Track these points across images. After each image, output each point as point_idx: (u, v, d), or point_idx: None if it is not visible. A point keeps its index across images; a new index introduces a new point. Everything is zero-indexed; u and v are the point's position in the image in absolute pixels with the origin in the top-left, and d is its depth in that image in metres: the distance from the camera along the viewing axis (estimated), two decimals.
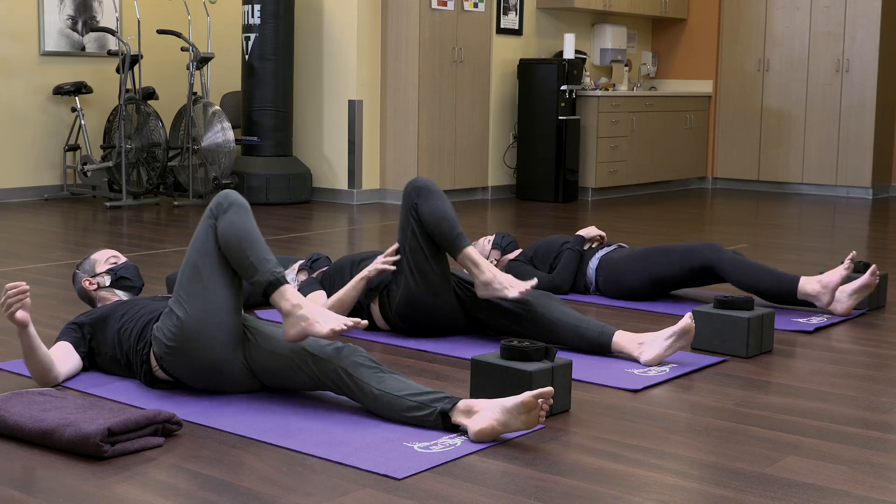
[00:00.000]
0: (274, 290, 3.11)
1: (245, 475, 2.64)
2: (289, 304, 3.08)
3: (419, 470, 2.67)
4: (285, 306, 3.08)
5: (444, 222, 3.86)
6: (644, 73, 11.11)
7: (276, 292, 3.10)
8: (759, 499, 2.54)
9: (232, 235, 3.13)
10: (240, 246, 3.12)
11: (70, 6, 8.81)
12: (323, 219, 7.78)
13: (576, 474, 2.69)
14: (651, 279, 4.76)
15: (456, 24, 8.91)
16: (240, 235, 3.13)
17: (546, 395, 2.81)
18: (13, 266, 5.55)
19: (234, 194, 3.21)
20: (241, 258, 3.13)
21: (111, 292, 3.70)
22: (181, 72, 9.62)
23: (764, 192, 10.52)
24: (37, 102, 8.69)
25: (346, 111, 8.75)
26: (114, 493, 2.51)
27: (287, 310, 3.08)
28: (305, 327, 3.04)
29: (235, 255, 3.13)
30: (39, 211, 7.94)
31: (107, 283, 3.70)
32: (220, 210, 3.17)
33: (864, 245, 6.94)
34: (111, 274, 3.71)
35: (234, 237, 3.13)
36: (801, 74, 10.31)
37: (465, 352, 3.90)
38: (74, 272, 3.80)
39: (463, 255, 3.84)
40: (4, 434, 2.87)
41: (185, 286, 3.17)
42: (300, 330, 3.06)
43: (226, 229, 3.13)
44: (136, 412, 2.82)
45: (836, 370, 3.76)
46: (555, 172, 9.30)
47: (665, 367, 3.71)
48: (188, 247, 3.24)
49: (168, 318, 3.17)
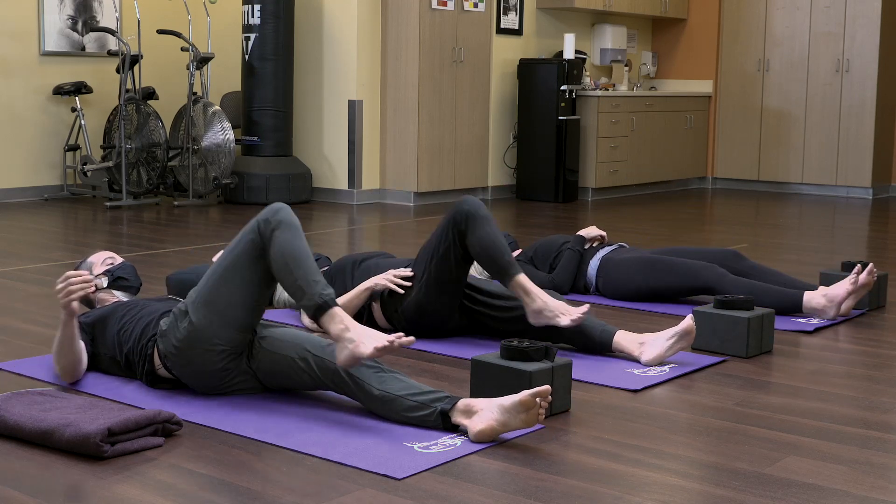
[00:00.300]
0: (323, 313, 2.99)
1: (245, 475, 2.64)
2: (338, 328, 2.97)
3: (419, 470, 2.67)
4: (334, 330, 2.98)
5: (493, 249, 3.76)
6: (644, 73, 11.11)
7: (325, 315, 2.99)
8: (759, 499, 2.54)
9: (280, 258, 3.03)
10: (287, 268, 3.02)
11: (70, 6, 8.81)
12: (323, 219, 7.79)
13: (576, 474, 2.69)
14: (650, 291, 4.78)
15: (456, 24, 8.91)
16: (287, 258, 3.03)
17: (543, 393, 2.81)
18: (13, 266, 5.55)
19: (283, 211, 3.09)
20: (289, 281, 3.02)
21: (109, 293, 3.70)
22: (181, 72, 9.62)
23: (764, 192, 10.52)
24: (37, 102, 8.69)
25: (346, 111, 8.75)
26: (114, 493, 2.51)
27: (336, 334, 2.97)
28: (353, 350, 2.94)
29: (283, 277, 3.03)
30: (39, 211, 7.94)
31: (104, 285, 3.69)
32: (266, 228, 3.07)
33: (864, 245, 6.94)
34: (108, 275, 3.70)
35: (282, 259, 3.03)
36: (801, 74, 10.32)
37: (465, 352, 3.90)
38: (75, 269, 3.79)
39: (514, 282, 3.74)
40: (4, 434, 2.87)
41: (207, 292, 3.12)
42: (349, 354, 2.95)
43: (274, 253, 3.04)
44: (136, 412, 2.82)
45: (836, 370, 3.76)
46: (555, 172, 9.30)
47: (665, 367, 3.71)
48: (224, 251, 3.17)
49: (181, 320, 3.14)
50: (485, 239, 3.77)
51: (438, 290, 3.92)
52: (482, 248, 3.77)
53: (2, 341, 3.95)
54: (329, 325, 2.99)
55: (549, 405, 2.92)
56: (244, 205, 8.53)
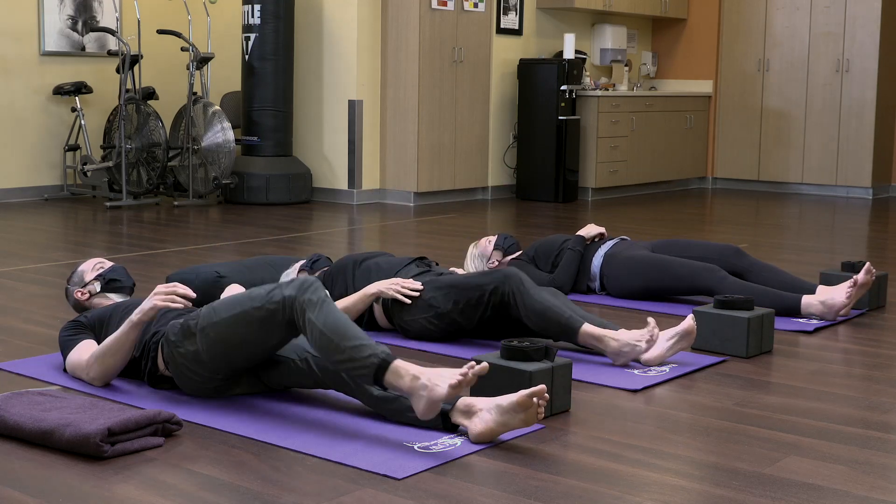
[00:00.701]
0: (384, 373, 2.82)
1: (245, 475, 2.64)
2: (406, 381, 2.80)
3: (419, 470, 2.67)
4: (404, 385, 2.81)
5: (549, 312, 3.72)
6: (644, 73, 11.11)
7: (387, 374, 2.81)
8: (759, 499, 2.54)
9: (320, 338, 2.88)
10: (332, 344, 2.86)
11: (70, 6, 8.81)
12: (323, 219, 7.78)
13: (576, 474, 2.69)
14: (650, 290, 4.80)
15: (456, 24, 8.91)
16: (330, 335, 2.87)
17: (539, 393, 2.81)
18: (13, 266, 5.55)
19: (311, 288, 2.94)
20: (339, 357, 2.86)
21: (104, 297, 3.71)
22: (181, 72, 9.62)
23: (764, 192, 10.52)
24: (37, 102, 8.68)
25: (346, 111, 8.75)
26: (114, 493, 2.51)
27: (408, 388, 2.81)
28: (429, 396, 2.78)
29: (331, 356, 2.88)
30: (39, 211, 7.94)
31: (98, 290, 3.70)
32: (295, 310, 2.94)
33: (864, 245, 6.94)
34: (100, 280, 3.71)
35: (323, 339, 2.87)
36: (801, 74, 10.31)
37: (465, 352, 3.90)
38: (66, 287, 3.80)
39: (582, 335, 3.70)
40: (4, 434, 2.87)
41: (219, 331, 3.05)
42: (426, 402, 2.80)
43: (315, 337, 2.89)
44: (136, 412, 2.82)
45: (836, 370, 3.76)
46: (555, 172, 9.30)
47: (665, 367, 3.71)
48: (245, 296, 3.04)
49: (189, 340, 3.11)
50: (538, 306, 3.73)
51: (444, 325, 3.96)
52: (538, 316, 3.73)
53: (2, 341, 3.94)
54: (397, 382, 2.81)
55: (547, 403, 2.91)
56: (244, 205, 8.53)
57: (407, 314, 3.99)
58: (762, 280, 4.72)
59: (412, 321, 3.99)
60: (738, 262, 4.80)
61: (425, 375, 2.80)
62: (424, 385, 2.79)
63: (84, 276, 3.75)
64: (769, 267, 4.78)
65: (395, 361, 2.82)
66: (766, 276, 4.73)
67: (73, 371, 3.40)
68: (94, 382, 3.32)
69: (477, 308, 3.87)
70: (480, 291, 3.85)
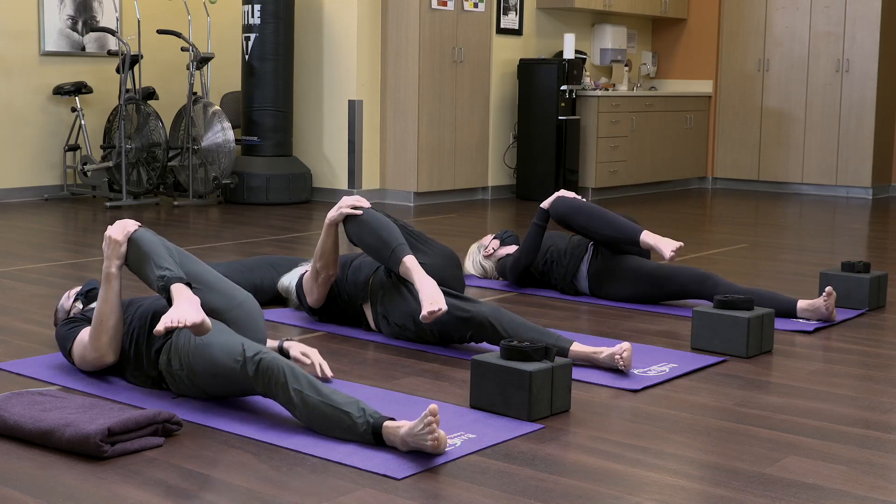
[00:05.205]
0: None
1: (245, 475, 2.64)
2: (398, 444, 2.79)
3: (419, 470, 2.67)
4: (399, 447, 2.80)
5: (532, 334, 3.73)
6: (644, 73, 11.11)
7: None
8: (759, 499, 2.54)
9: (313, 425, 2.92)
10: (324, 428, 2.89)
11: (70, 6, 8.81)
12: (323, 219, 7.78)
13: (576, 474, 2.69)
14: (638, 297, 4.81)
15: (456, 24, 8.91)
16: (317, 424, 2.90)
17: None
18: (13, 266, 5.55)
19: (271, 380, 2.94)
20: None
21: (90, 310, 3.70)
22: (181, 72, 9.62)
23: (764, 192, 10.52)
24: (37, 102, 8.68)
25: (346, 111, 8.75)
26: (114, 493, 2.51)
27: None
28: (432, 448, 2.75)
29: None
30: (39, 211, 7.94)
31: (81, 307, 3.69)
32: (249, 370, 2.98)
33: (864, 245, 6.94)
34: (80, 297, 3.71)
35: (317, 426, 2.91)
36: (801, 74, 10.31)
37: (465, 352, 3.90)
38: (55, 327, 3.75)
39: (572, 353, 3.67)
40: (4, 434, 2.87)
41: (203, 364, 3.07)
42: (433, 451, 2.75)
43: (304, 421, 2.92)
44: (136, 412, 2.82)
45: (836, 370, 3.76)
46: (555, 172, 9.30)
47: (665, 367, 3.71)
48: (214, 336, 3.08)
49: (174, 362, 3.17)
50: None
51: (419, 329, 3.94)
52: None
53: (2, 341, 3.95)
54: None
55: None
56: (244, 205, 8.53)
57: (389, 314, 4.00)
58: None
59: (392, 330, 4.03)
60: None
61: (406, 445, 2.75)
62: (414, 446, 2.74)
63: (65, 305, 3.74)
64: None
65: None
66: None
67: (83, 355, 3.37)
68: (107, 356, 3.30)
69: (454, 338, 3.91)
70: (460, 334, 3.85)
